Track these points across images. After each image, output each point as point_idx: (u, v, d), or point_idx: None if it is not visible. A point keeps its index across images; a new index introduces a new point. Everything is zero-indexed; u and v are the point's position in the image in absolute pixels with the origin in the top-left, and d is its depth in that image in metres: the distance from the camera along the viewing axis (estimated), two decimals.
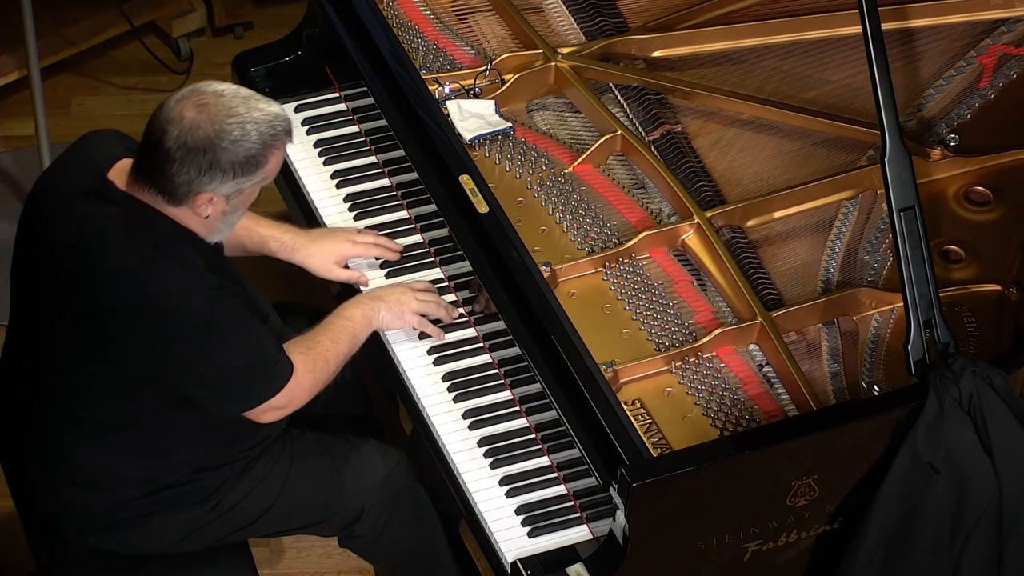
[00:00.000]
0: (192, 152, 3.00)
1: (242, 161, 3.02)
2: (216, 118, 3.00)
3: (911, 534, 3.15)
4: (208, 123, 3.00)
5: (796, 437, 3.13)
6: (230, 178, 3.03)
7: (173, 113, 3.01)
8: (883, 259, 3.51)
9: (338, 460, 3.42)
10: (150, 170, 3.05)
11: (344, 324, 3.34)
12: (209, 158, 3.00)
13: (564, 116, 3.79)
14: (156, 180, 3.05)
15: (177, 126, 3.00)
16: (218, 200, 3.06)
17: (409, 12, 3.96)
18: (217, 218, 3.11)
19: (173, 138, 2.99)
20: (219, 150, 3.00)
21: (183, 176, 3.02)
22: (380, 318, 3.40)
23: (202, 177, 3.02)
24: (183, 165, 3.01)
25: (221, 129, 3.00)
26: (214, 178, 3.02)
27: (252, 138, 3.02)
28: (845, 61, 3.85)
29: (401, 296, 3.42)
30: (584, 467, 3.22)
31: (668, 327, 3.39)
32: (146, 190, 3.08)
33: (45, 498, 3.31)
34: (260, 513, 3.35)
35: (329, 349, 3.29)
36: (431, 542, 3.54)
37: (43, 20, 4.63)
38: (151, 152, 3.03)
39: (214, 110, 3.01)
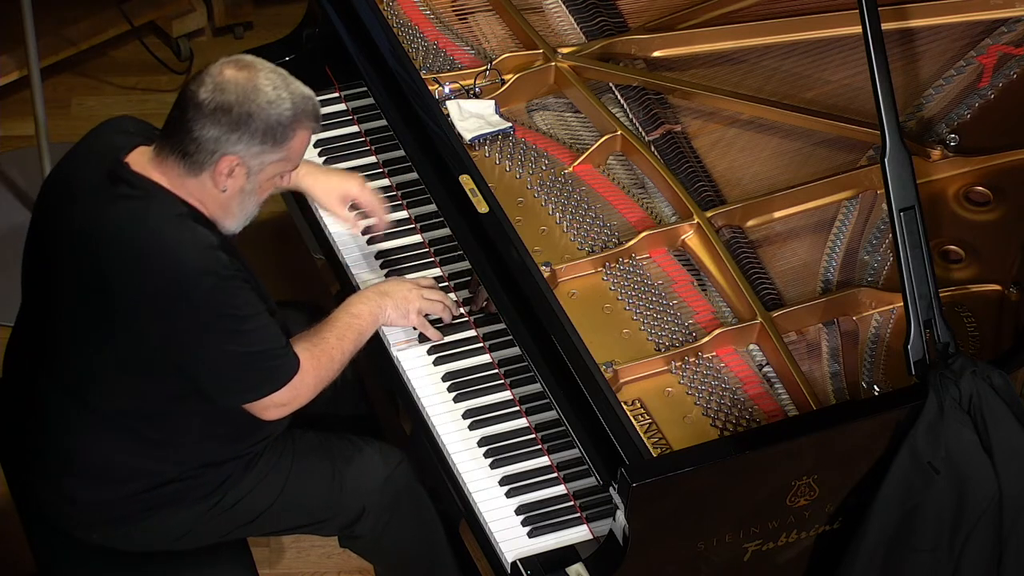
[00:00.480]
0: (225, 105, 3.02)
1: (272, 126, 3.04)
2: (255, 78, 3.04)
3: (911, 534, 3.15)
4: (246, 80, 3.03)
5: (796, 437, 3.13)
6: (257, 142, 3.04)
7: (213, 71, 3.05)
8: (883, 259, 3.51)
9: (339, 460, 3.42)
10: (178, 129, 3.06)
11: (350, 321, 3.34)
12: (240, 113, 3.02)
13: (564, 116, 3.79)
14: (182, 140, 3.05)
15: (214, 80, 3.03)
16: (239, 170, 3.07)
17: (409, 12, 3.96)
18: (234, 196, 3.11)
19: (209, 90, 3.02)
20: (252, 107, 3.02)
21: (211, 132, 3.03)
22: (387, 315, 3.40)
23: (230, 135, 3.03)
24: (214, 118, 3.02)
25: (257, 87, 3.03)
26: (241, 138, 3.03)
27: (285, 105, 3.05)
28: (845, 61, 3.85)
29: (408, 294, 3.42)
30: (584, 467, 3.22)
31: (668, 327, 3.39)
32: (170, 160, 3.08)
33: (48, 492, 3.31)
34: (261, 510, 3.35)
35: (334, 347, 3.29)
36: (431, 542, 3.54)
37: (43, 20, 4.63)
38: (182, 111, 3.05)
39: (254, 72, 3.05)
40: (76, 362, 3.18)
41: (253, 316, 3.11)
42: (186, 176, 3.08)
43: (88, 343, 3.15)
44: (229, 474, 3.30)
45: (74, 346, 3.18)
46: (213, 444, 3.26)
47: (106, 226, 3.08)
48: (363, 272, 3.60)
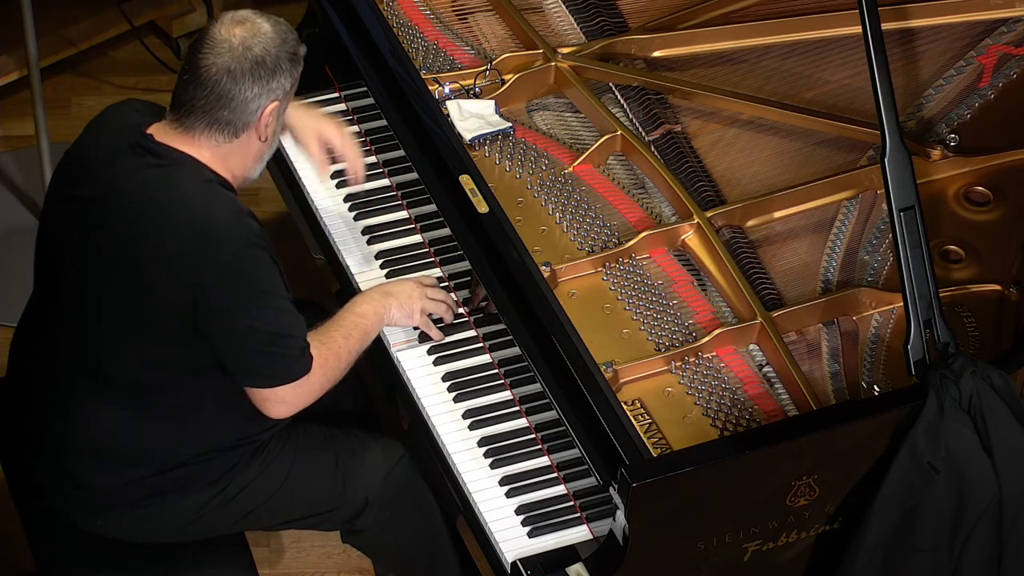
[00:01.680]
0: (258, 59, 3.08)
1: (290, 55, 3.13)
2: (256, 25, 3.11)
3: (911, 534, 3.15)
4: (256, 29, 3.10)
5: (796, 437, 3.13)
6: (287, 79, 3.14)
7: (219, 36, 3.09)
8: (883, 259, 3.51)
9: (343, 453, 3.43)
10: (210, 105, 3.10)
11: (356, 321, 3.35)
12: (272, 61, 3.09)
13: (564, 116, 3.79)
14: (218, 113, 3.10)
15: (229, 44, 3.08)
16: (274, 113, 3.14)
17: (409, 12, 3.96)
18: (270, 142, 3.18)
19: (232, 54, 3.08)
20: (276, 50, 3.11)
21: (253, 89, 3.09)
22: (391, 315, 3.41)
23: (269, 83, 3.10)
24: (252, 77, 3.08)
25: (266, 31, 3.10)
26: (280, 80, 3.12)
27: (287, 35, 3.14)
28: (845, 61, 3.85)
29: (412, 293, 3.43)
30: (584, 467, 3.22)
31: (668, 327, 3.39)
32: (202, 135, 3.12)
33: (54, 477, 3.30)
34: (264, 500, 3.35)
35: (341, 346, 3.30)
36: (434, 537, 3.55)
37: (43, 20, 4.64)
38: (208, 88, 3.09)
39: (252, 22, 3.11)
40: (89, 334, 3.19)
41: (276, 295, 3.13)
42: (223, 143, 3.13)
43: (105, 313, 3.16)
44: (236, 461, 3.30)
45: (89, 317, 3.18)
46: (225, 424, 3.26)
47: (135, 189, 3.11)
48: (363, 272, 3.60)
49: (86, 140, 3.24)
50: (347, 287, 3.59)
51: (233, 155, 3.15)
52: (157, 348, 3.15)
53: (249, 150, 3.16)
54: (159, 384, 3.19)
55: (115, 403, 3.21)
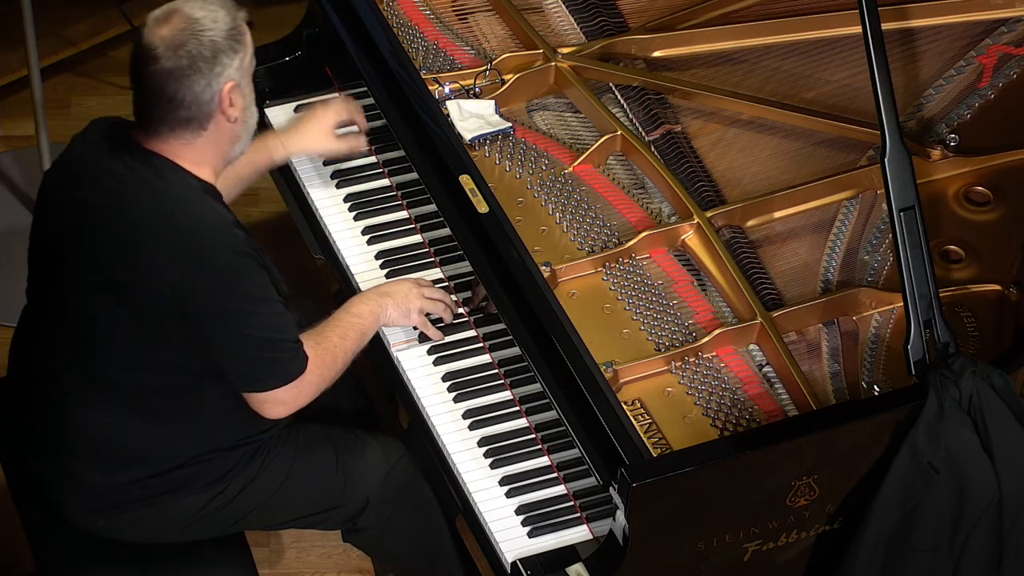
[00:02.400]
0: (194, 53, 3.05)
1: (229, 33, 3.09)
2: (184, 18, 3.07)
3: (911, 534, 3.15)
4: (184, 24, 3.06)
5: (796, 437, 3.13)
6: (233, 55, 3.09)
7: (151, 41, 3.06)
8: (883, 259, 3.51)
9: (342, 452, 3.43)
10: (166, 110, 3.09)
11: (352, 321, 3.35)
12: (208, 48, 3.06)
13: (564, 116, 3.79)
14: (176, 114, 3.08)
15: (160, 48, 3.05)
16: (236, 91, 3.10)
17: (409, 12, 3.96)
18: (241, 119, 3.14)
19: (164, 57, 3.04)
20: (208, 34, 3.06)
21: (200, 83, 3.06)
22: (388, 315, 3.41)
23: (215, 69, 3.07)
24: (194, 73, 3.05)
25: (195, 19, 3.06)
26: (224, 63, 3.08)
27: (220, 13, 3.10)
28: (845, 61, 3.85)
29: (409, 293, 3.43)
30: (584, 467, 3.22)
31: (668, 327, 3.39)
32: (171, 139, 3.11)
33: (56, 476, 3.30)
34: (264, 499, 3.36)
35: (337, 345, 3.30)
36: (434, 535, 3.55)
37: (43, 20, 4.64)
38: (157, 94, 3.07)
39: (178, 16, 3.07)
40: (87, 339, 3.19)
41: (267, 299, 3.13)
42: (194, 140, 3.12)
43: (101, 319, 3.16)
44: (236, 461, 3.30)
45: (85, 324, 3.18)
46: (225, 424, 3.26)
47: (126, 195, 3.11)
48: (363, 272, 3.60)
49: (75, 147, 3.24)
50: (347, 287, 3.59)
51: (208, 145, 3.14)
52: (153, 351, 3.15)
53: (222, 135, 3.15)
54: (156, 387, 3.19)
55: (113, 405, 3.21)
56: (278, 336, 3.16)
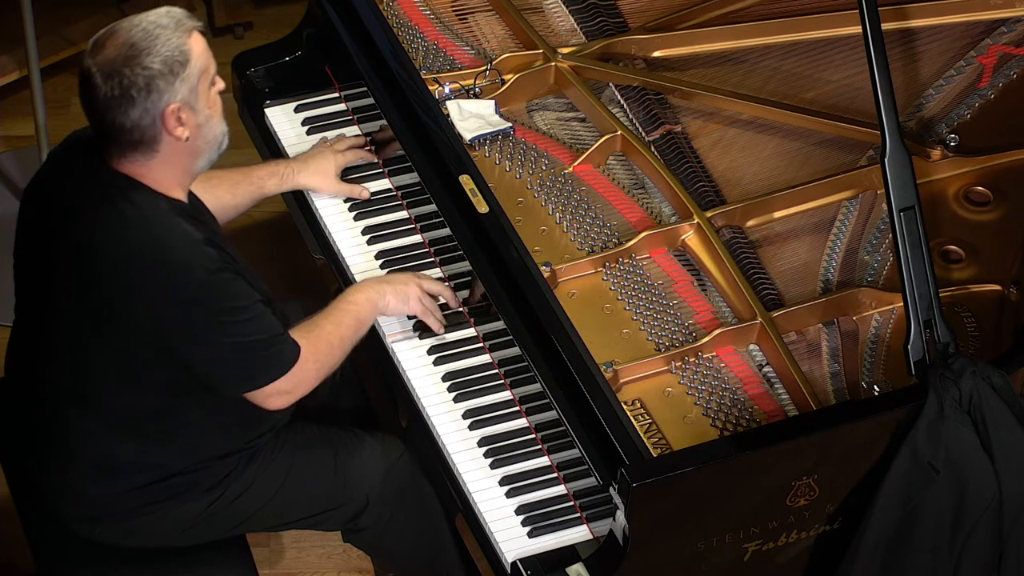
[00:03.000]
0: (124, 84, 3.00)
1: (169, 58, 3.02)
2: (120, 42, 3.02)
3: (911, 534, 3.15)
4: (117, 52, 3.01)
5: (796, 437, 3.13)
6: (173, 79, 3.02)
7: (86, 71, 3.03)
8: (883, 259, 3.51)
9: (341, 452, 3.43)
10: (112, 135, 3.06)
11: (347, 308, 3.35)
12: (142, 77, 3.00)
13: (564, 116, 3.79)
14: (123, 139, 3.05)
15: (96, 75, 3.02)
16: (185, 111, 3.05)
17: (409, 12, 3.96)
18: (196, 135, 3.09)
19: (100, 86, 3.01)
20: (144, 60, 3.00)
21: (136, 111, 3.02)
22: (386, 302, 3.41)
23: (151, 96, 3.01)
24: (129, 102, 3.01)
25: (131, 45, 3.01)
26: (161, 89, 3.02)
27: (161, 36, 3.03)
28: (845, 61, 3.85)
29: (408, 281, 3.44)
30: (584, 467, 3.22)
31: (668, 327, 3.39)
32: (126, 159, 3.08)
33: (52, 487, 3.31)
34: (263, 503, 3.36)
35: (332, 332, 3.30)
36: (435, 534, 3.55)
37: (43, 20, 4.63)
38: (100, 118, 3.05)
39: (113, 42, 3.02)
40: (75, 363, 3.19)
41: (247, 307, 3.12)
42: (148, 160, 3.08)
43: (86, 345, 3.16)
44: (232, 468, 3.30)
45: (72, 348, 3.18)
46: (216, 436, 3.26)
47: (96, 230, 3.08)
48: (363, 272, 3.60)
49: (49, 169, 3.22)
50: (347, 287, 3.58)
51: (166, 165, 3.10)
52: (137, 375, 3.15)
53: (179, 153, 3.10)
54: (144, 406, 3.19)
55: (103, 423, 3.21)
56: (265, 335, 3.15)
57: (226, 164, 4.93)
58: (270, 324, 3.16)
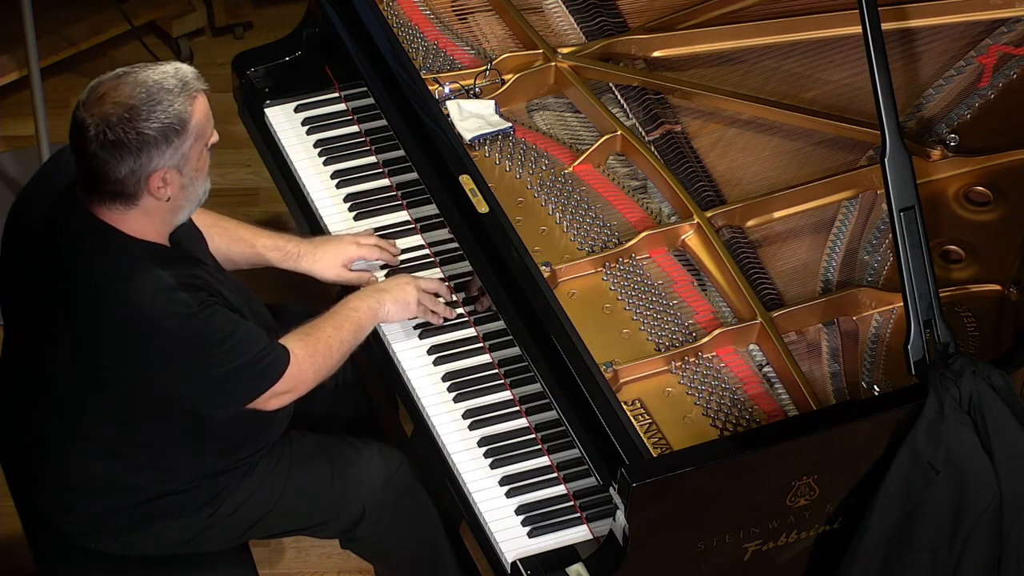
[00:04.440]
0: (117, 143, 2.96)
1: (167, 125, 2.98)
2: (121, 100, 2.97)
3: (911, 534, 3.15)
4: (116, 108, 2.96)
5: (796, 437, 3.13)
6: (165, 147, 2.99)
7: (81, 117, 2.99)
8: (883, 259, 3.51)
9: (338, 463, 3.42)
10: (95, 183, 3.03)
11: (348, 313, 3.35)
12: (135, 140, 2.96)
13: (564, 116, 3.79)
14: (105, 188, 3.02)
15: (91, 127, 2.97)
16: (171, 174, 3.02)
17: (409, 12, 3.96)
18: (178, 195, 3.07)
19: (93, 139, 2.97)
20: (140, 125, 2.96)
21: (123, 169, 2.98)
22: (386, 310, 3.41)
23: (140, 159, 2.98)
24: (117, 160, 2.97)
25: (131, 107, 2.97)
26: (152, 155, 2.98)
27: (164, 101, 2.98)
28: (845, 61, 3.85)
29: (406, 287, 3.43)
30: (584, 467, 3.22)
31: (668, 327, 3.39)
32: (104, 205, 3.05)
33: (45, 501, 3.32)
34: (260, 516, 3.35)
35: (331, 336, 3.29)
36: (433, 543, 3.54)
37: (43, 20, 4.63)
38: (85, 166, 3.02)
39: (115, 96, 2.97)
40: (64, 398, 3.18)
41: (230, 334, 3.09)
42: (127, 211, 3.05)
43: (67, 383, 3.15)
44: (226, 484, 3.30)
45: (54, 383, 3.18)
46: (205, 460, 3.25)
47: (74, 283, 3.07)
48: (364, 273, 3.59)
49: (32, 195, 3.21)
50: (347, 289, 3.58)
51: (144, 217, 3.07)
52: (123, 408, 3.14)
53: (158, 209, 3.07)
54: (132, 436, 3.18)
55: (90, 450, 3.20)
56: (253, 352, 3.13)
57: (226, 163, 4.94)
58: (255, 339, 3.14)
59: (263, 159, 3.96)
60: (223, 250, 3.42)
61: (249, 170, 4.87)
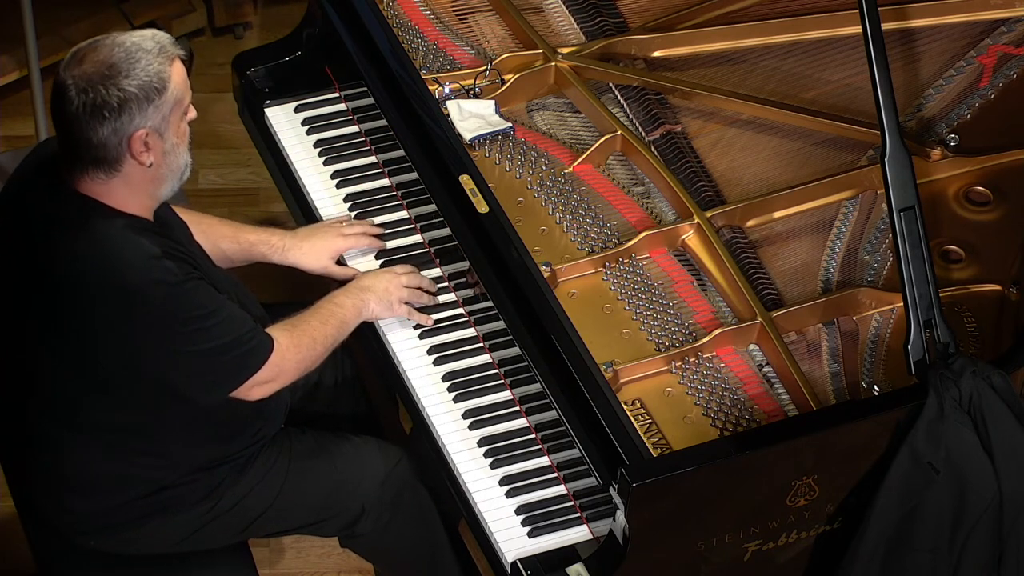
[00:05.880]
0: (97, 101, 2.98)
1: (147, 84, 3.00)
2: (101, 59, 2.99)
3: (911, 534, 3.15)
4: (95, 69, 2.99)
5: (796, 437, 3.13)
6: (147, 104, 3.00)
7: (61, 81, 3.00)
8: (883, 259, 3.51)
9: (337, 459, 3.42)
10: (76, 151, 3.04)
11: (333, 309, 3.36)
12: (117, 97, 2.98)
13: (564, 116, 3.79)
14: (87, 154, 3.03)
15: (72, 88, 2.99)
16: (152, 138, 3.03)
17: (409, 12, 3.96)
18: (160, 163, 3.08)
19: (74, 99, 2.98)
20: (121, 82, 2.98)
21: (105, 129, 3.00)
22: (370, 309, 3.42)
23: (122, 118, 2.99)
24: (99, 120, 2.99)
25: (111, 65, 2.99)
26: (133, 112, 3.00)
27: (142, 60, 3.01)
28: (845, 61, 3.85)
29: (388, 285, 3.44)
30: (584, 467, 3.22)
31: (668, 327, 3.39)
32: (87, 176, 3.06)
33: (44, 501, 3.32)
34: (258, 513, 3.36)
35: (317, 329, 3.30)
36: (432, 540, 3.54)
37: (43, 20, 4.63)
38: (67, 132, 3.03)
39: (93, 58, 3.00)
40: (52, 386, 3.19)
41: (214, 311, 3.10)
42: (109, 179, 3.06)
43: (59, 369, 3.16)
44: (223, 478, 3.30)
45: (47, 372, 3.18)
46: (201, 448, 3.25)
47: (60, 255, 3.07)
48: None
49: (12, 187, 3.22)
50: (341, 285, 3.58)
51: (127, 186, 3.08)
52: (113, 391, 3.14)
53: (141, 177, 3.08)
54: (123, 423, 3.18)
55: (86, 442, 3.21)
56: (236, 334, 3.13)
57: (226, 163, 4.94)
58: (240, 322, 3.15)
59: (263, 159, 3.96)
60: (209, 246, 3.43)
61: (249, 170, 4.87)
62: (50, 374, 3.18)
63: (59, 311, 3.10)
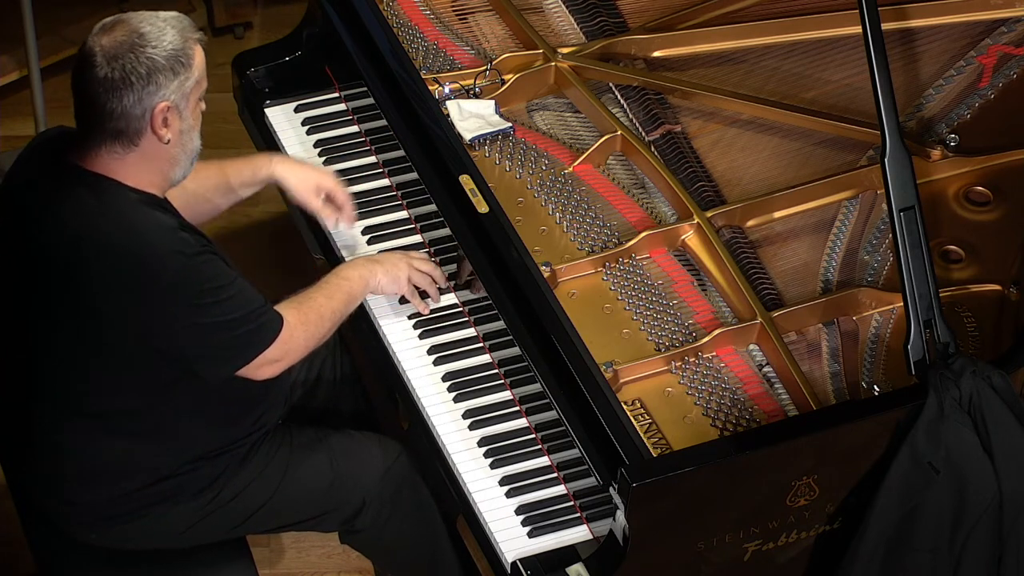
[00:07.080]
0: (128, 67, 3.02)
1: (172, 56, 3.04)
2: (129, 30, 3.04)
3: (911, 534, 3.15)
4: (125, 37, 3.03)
5: (796, 437, 3.13)
6: (172, 76, 3.04)
7: (92, 48, 3.03)
8: (883, 259, 3.51)
9: (338, 453, 3.43)
10: (97, 121, 3.06)
11: (339, 283, 3.37)
12: (145, 65, 3.02)
13: (564, 116, 3.79)
14: (107, 125, 3.05)
15: (99, 56, 3.02)
16: (172, 114, 3.06)
17: (409, 12, 3.96)
18: (177, 141, 3.10)
19: (103, 67, 3.02)
20: (149, 51, 3.02)
21: (130, 98, 3.03)
22: (377, 281, 3.42)
23: (147, 87, 3.03)
24: (125, 87, 3.02)
25: (140, 34, 3.03)
26: (160, 83, 3.03)
27: (169, 33, 3.06)
28: (845, 61, 3.85)
29: (399, 261, 3.45)
30: (584, 467, 3.22)
31: (668, 327, 3.39)
32: (103, 150, 3.08)
33: (45, 493, 3.32)
34: (259, 505, 3.36)
35: (323, 305, 3.31)
36: (432, 535, 3.55)
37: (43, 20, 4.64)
38: (90, 99, 3.05)
39: (123, 27, 3.04)
40: (56, 365, 3.19)
41: (228, 284, 3.12)
42: (126, 154, 3.08)
43: (66, 345, 3.15)
44: (224, 468, 3.30)
45: (52, 349, 3.18)
46: (201, 433, 3.26)
47: (69, 230, 3.08)
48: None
49: (16, 173, 3.22)
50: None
51: (142, 163, 3.10)
52: (118, 374, 3.15)
53: (157, 155, 3.10)
54: (127, 408, 3.19)
55: (89, 428, 3.21)
56: (247, 309, 3.15)
57: None
58: (251, 297, 3.17)
59: None
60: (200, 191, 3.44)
61: None
62: (55, 357, 3.18)
63: (73, 282, 3.10)
